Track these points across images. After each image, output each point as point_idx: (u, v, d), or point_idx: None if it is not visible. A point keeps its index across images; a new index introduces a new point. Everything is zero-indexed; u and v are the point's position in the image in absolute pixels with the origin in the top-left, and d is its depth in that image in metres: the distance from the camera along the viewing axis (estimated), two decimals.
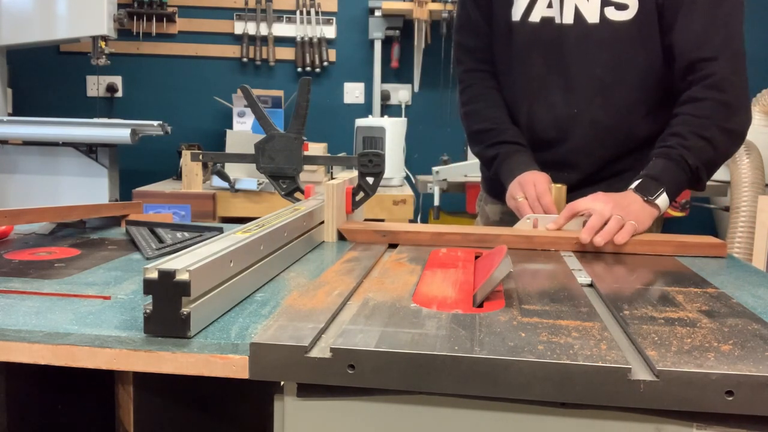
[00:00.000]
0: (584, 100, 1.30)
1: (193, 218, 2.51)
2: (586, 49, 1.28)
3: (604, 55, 1.27)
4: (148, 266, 0.65)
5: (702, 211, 3.26)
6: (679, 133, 1.19)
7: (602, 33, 1.26)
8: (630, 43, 1.25)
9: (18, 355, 0.66)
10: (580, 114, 1.31)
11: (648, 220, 1.14)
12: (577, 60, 1.29)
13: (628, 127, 1.31)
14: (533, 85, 1.35)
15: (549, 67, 1.32)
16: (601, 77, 1.28)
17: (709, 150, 1.18)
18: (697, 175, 1.19)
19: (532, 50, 1.33)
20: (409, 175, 3.26)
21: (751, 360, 0.60)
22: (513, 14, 1.34)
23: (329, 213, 1.16)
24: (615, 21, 1.24)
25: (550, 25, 1.30)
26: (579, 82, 1.30)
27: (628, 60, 1.27)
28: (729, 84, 1.19)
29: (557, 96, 1.32)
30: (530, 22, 1.31)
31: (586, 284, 0.89)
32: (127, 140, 2.66)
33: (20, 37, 2.91)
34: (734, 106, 1.20)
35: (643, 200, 1.14)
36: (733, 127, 1.20)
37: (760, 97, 3.05)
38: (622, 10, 1.24)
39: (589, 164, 1.34)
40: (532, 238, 1.11)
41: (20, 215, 1.10)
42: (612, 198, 1.13)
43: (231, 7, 3.48)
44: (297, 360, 0.61)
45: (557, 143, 1.35)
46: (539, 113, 1.35)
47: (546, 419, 0.61)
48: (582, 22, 1.26)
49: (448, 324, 0.68)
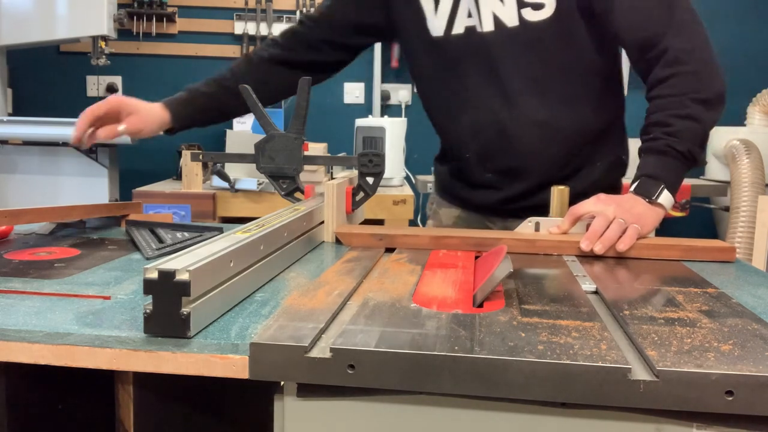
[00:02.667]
0: (522, 102, 1.28)
1: (193, 218, 2.51)
2: (512, 52, 1.26)
3: (531, 55, 1.26)
4: (148, 266, 0.65)
5: (702, 211, 3.26)
6: (659, 122, 1.16)
7: (524, 35, 1.24)
8: (554, 41, 1.24)
9: (18, 355, 0.66)
10: (521, 117, 1.29)
11: (653, 220, 1.12)
12: (506, 65, 1.27)
13: (572, 121, 1.30)
14: (470, 96, 1.33)
15: (482, 76, 1.30)
16: (534, 77, 1.27)
17: (695, 126, 1.15)
18: (691, 158, 1.15)
19: (462, 62, 1.31)
20: (409, 175, 3.26)
21: (751, 360, 0.60)
22: (432, 30, 1.31)
23: (329, 213, 1.16)
24: (534, 21, 1.23)
25: (475, 34, 1.28)
26: (514, 86, 1.28)
27: (556, 57, 1.25)
28: (688, 54, 1.15)
29: (496, 103, 1.30)
30: (455, 35, 1.29)
31: (590, 291, 0.87)
32: (127, 140, 2.66)
33: (20, 37, 2.91)
34: (702, 74, 1.16)
35: (645, 202, 1.12)
36: (709, 95, 1.15)
37: (760, 97, 3.05)
38: (538, 9, 1.22)
39: (542, 165, 1.32)
40: (534, 241, 1.09)
41: (20, 215, 1.10)
42: (615, 200, 1.11)
43: (231, 7, 3.48)
44: (297, 360, 0.61)
45: (506, 150, 1.33)
46: (482, 123, 1.33)
47: (546, 419, 0.61)
48: (502, 27, 1.25)
49: (448, 324, 0.68)
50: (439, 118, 1.42)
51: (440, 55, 1.33)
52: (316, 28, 1.46)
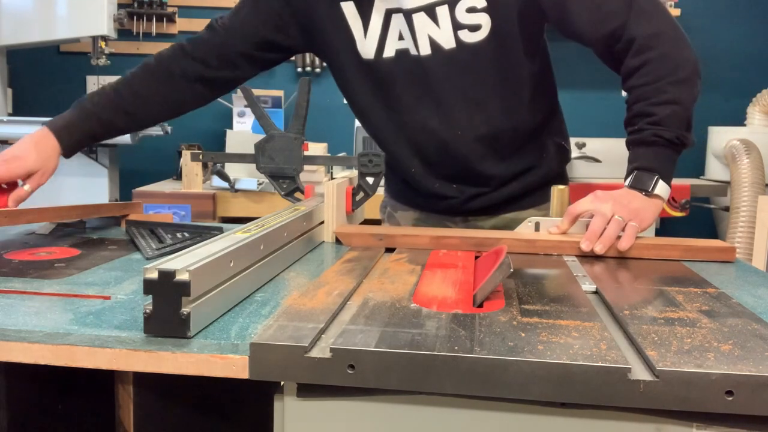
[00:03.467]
0: (463, 120, 1.28)
1: (193, 218, 2.51)
2: (450, 74, 1.25)
3: (469, 76, 1.25)
4: (148, 266, 0.65)
5: (702, 211, 3.26)
6: (641, 112, 1.15)
7: (462, 56, 1.23)
8: (492, 61, 1.23)
9: (18, 355, 0.66)
10: (462, 135, 1.29)
11: (652, 213, 1.12)
12: (444, 86, 1.26)
13: (512, 128, 1.30)
14: (406, 117, 1.31)
15: (418, 97, 1.28)
16: (473, 96, 1.26)
17: (677, 110, 1.14)
18: (680, 143, 1.14)
19: (394, 83, 1.29)
20: None
21: (751, 360, 0.60)
22: (363, 53, 1.29)
23: (329, 213, 1.16)
24: (471, 43, 1.22)
25: (406, 57, 1.26)
26: (453, 106, 1.27)
27: (492, 74, 1.25)
28: (655, 38, 1.15)
29: (434, 121, 1.29)
30: (385, 58, 1.28)
31: (590, 291, 0.87)
32: (127, 140, 2.66)
33: (20, 37, 2.91)
34: (672, 54, 1.15)
35: (642, 195, 1.12)
36: (684, 74, 1.15)
37: (760, 97, 3.05)
38: (475, 31, 1.21)
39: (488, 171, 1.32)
40: (534, 241, 1.09)
41: (20, 215, 1.10)
42: (612, 196, 1.11)
43: (231, 7, 3.47)
44: (297, 360, 0.61)
45: (449, 163, 1.32)
46: (422, 142, 1.32)
47: (546, 419, 0.61)
48: (439, 51, 1.23)
49: (448, 324, 0.68)
50: (378, 136, 1.39)
51: (373, 76, 1.31)
52: (230, 39, 1.35)
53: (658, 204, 1.14)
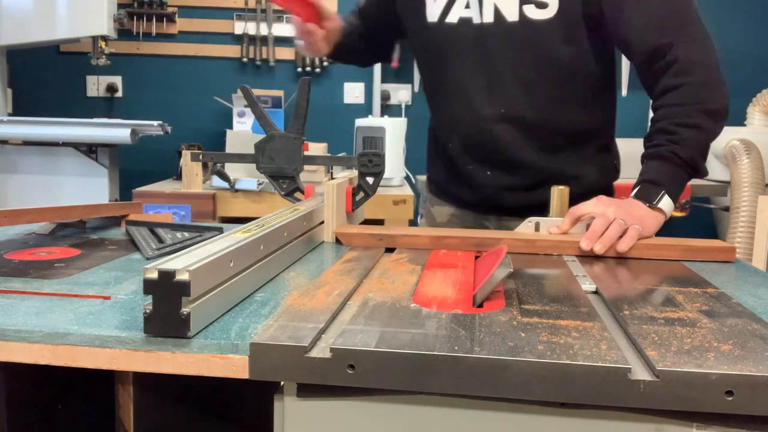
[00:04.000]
0: (509, 99, 1.29)
1: (193, 218, 2.51)
2: (507, 48, 1.26)
3: (526, 53, 1.26)
4: (148, 266, 0.65)
5: (702, 211, 3.26)
6: (664, 129, 1.17)
7: (523, 31, 1.24)
8: (552, 41, 1.24)
9: (18, 355, 0.66)
10: (506, 114, 1.29)
11: (654, 225, 1.12)
12: (499, 59, 1.27)
13: (555, 124, 1.30)
14: (453, 87, 1.33)
15: (469, 69, 1.30)
16: (525, 76, 1.27)
17: (699, 136, 1.16)
18: (694, 166, 1.16)
19: (450, 52, 1.31)
20: (409, 175, 3.26)
21: (751, 360, 0.60)
22: (428, 15, 1.32)
23: (329, 213, 1.16)
24: (535, 19, 1.23)
25: (468, 26, 1.28)
26: (502, 82, 1.28)
27: (550, 57, 1.25)
28: (696, 65, 1.16)
29: (479, 97, 1.30)
30: (447, 23, 1.30)
31: (591, 291, 0.87)
32: (127, 140, 2.66)
33: (20, 37, 2.91)
34: (709, 86, 1.17)
35: (646, 206, 1.12)
36: (716, 107, 1.17)
37: (760, 97, 3.05)
38: (542, 8, 1.22)
39: (524, 163, 1.32)
40: (534, 241, 1.09)
41: (20, 215, 1.10)
42: (615, 202, 1.11)
43: (231, 7, 3.48)
44: (297, 360, 0.61)
45: (487, 145, 1.33)
46: (463, 116, 1.33)
47: (546, 419, 0.61)
48: (502, 21, 1.25)
49: (448, 324, 0.68)
50: (430, 102, 1.44)
51: (431, 41, 1.34)
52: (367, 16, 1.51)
53: (660, 218, 1.13)
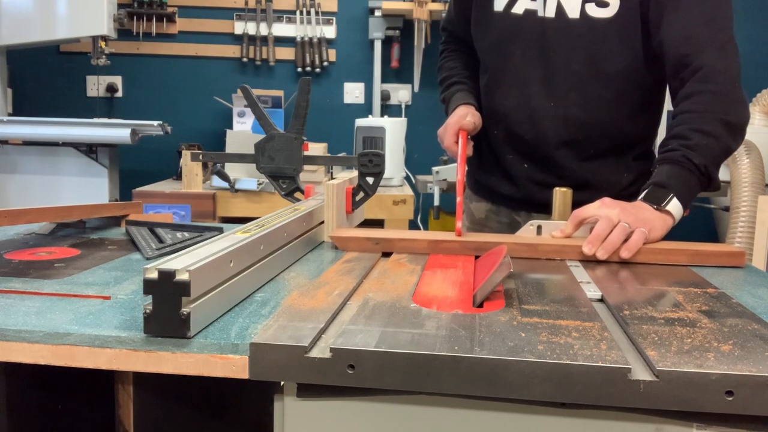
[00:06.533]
0: (560, 93, 1.30)
1: (193, 218, 2.51)
2: (565, 43, 1.28)
3: (582, 51, 1.27)
4: (148, 266, 0.65)
5: (702, 211, 3.26)
6: (679, 134, 1.16)
7: (581, 28, 1.26)
8: (608, 41, 1.25)
9: (18, 355, 0.66)
10: (555, 108, 1.31)
11: (661, 228, 1.08)
12: (555, 53, 1.29)
13: (602, 125, 1.30)
14: (509, 76, 1.35)
15: (527, 59, 1.32)
16: (578, 72, 1.28)
17: (713, 144, 1.14)
18: (706, 174, 1.13)
19: (512, 41, 1.33)
20: (409, 175, 3.26)
21: (751, 360, 0.60)
22: (496, 4, 1.34)
23: (329, 213, 1.16)
24: (595, 18, 1.24)
25: (532, 18, 1.30)
26: (556, 76, 1.30)
27: (605, 57, 1.26)
28: (720, 75, 1.16)
29: (533, 88, 1.32)
30: (513, 13, 1.32)
31: (596, 299, 0.84)
32: (127, 140, 2.66)
33: (20, 37, 2.91)
34: (731, 98, 1.17)
35: (653, 208, 1.09)
36: (734, 119, 1.16)
37: (760, 97, 3.05)
38: (603, 7, 1.24)
39: (564, 162, 1.33)
40: (536, 246, 1.05)
41: (20, 215, 1.10)
42: (620, 204, 1.07)
43: (231, 7, 3.48)
44: (297, 360, 0.61)
45: (531, 137, 1.34)
46: (514, 104, 1.35)
47: (546, 419, 0.61)
48: (563, 17, 1.27)
49: (448, 324, 0.68)
50: (484, 88, 1.44)
51: (495, 28, 1.36)
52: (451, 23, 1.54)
53: (668, 221, 1.09)
